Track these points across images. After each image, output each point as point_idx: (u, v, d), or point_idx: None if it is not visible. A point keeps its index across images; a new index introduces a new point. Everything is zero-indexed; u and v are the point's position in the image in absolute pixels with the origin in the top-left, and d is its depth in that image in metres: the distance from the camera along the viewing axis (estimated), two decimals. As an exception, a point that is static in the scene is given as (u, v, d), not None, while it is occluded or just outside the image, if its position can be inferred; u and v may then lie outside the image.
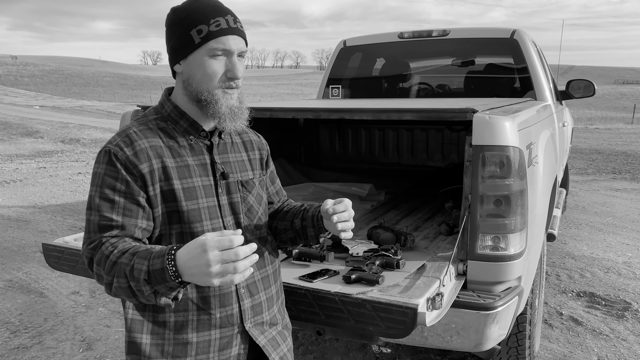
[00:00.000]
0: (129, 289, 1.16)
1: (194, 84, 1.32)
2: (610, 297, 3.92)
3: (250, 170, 1.49)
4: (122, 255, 1.17)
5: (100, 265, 1.20)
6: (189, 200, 1.32)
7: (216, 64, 1.30)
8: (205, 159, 1.39)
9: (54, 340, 3.32)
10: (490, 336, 1.88)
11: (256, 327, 1.42)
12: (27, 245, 5.28)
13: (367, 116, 2.19)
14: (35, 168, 10.23)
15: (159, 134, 1.35)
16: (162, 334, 1.33)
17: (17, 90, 65.92)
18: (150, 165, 1.29)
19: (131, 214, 1.26)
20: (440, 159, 4.67)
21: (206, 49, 1.29)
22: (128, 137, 1.30)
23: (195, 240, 1.10)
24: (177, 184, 1.31)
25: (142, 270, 1.13)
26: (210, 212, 1.36)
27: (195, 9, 1.30)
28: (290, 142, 4.43)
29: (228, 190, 1.41)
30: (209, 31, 1.28)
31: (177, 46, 1.32)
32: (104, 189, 1.26)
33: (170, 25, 1.35)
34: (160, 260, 1.11)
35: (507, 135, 1.89)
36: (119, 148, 1.28)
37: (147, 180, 1.28)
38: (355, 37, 4.61)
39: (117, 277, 1.16)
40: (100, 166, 1.28)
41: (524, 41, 3.86)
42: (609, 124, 22.79)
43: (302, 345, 3.20)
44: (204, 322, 1.34)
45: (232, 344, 1.38)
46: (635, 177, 9.11)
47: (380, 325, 1.65)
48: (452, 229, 2.54)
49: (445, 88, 4.55)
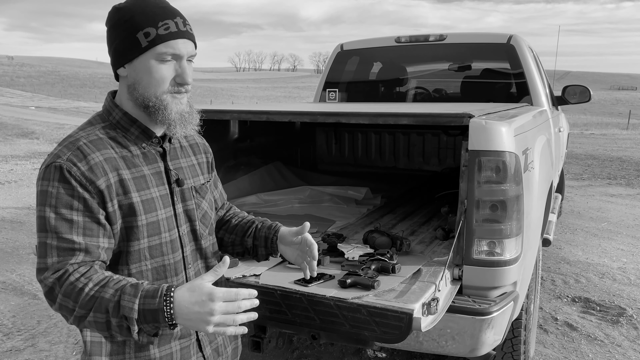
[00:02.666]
0: (105, 324, 1.11)
1: (141, 89, 1.24)
2: (605, 303, 3.92)
3: (200, 175, 1.45)
4: (102, 289, 1.12)
5: (69, 297, 1.12)
6: (149, 213, 1.26)
7: (165, 68, 1.23)
8: (160, 166, 1.32)
9: (47, 342, 3.30)
10: (486, 341, 1.88)
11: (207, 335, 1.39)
12: (21, 247, 5.25)
13: (364, 120, 2.19)
14: (30, 169, 10.19)
15: (111, 144, 1.25)
16: (122, 353, 1.27)
17: (13, 91, 65.71)
18: (107, 180, 1.20)
19: (92, 233, 1.18)
20: (436, 164, 4.68)
21: (154, 53, 1.21)
22: (79, 150, 1.20)
23: (200, 287, 1.09)
24: (136, 196, 1.24)
25: (133, 309, 1.08)
26: (169, 222, 1.31)
27: (142, 10, 1.21)
28: (287, 145, 4.43)
29: (183, 198, 1.36)
30: (157, 34, 1.20)
31: (122, 49, 1.23)
32: (59, 208, 1.16)
33: (113, 26, 1.24)
34: (157, 301, 1.08)
35: (503, 140, 1.89)
36: (71, 163, 1.17)
37: (105, 196, 1.20)
38: (352, 41, 4.62)
39: (94, 311, 1.11)
40: (52, 183, 1.16)
41: (521, 46, 3.88)
42: (604, 130, 22.91)
43: (297, 349, 3.19)
44: (165, 336, 1.29)
45: (190, 354, 1.35)
46: (631, 182, 9.14)
47: (375, 330, 1.64)
48: (447, 233, 2.54)
49: (441, 92, 4.56)
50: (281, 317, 1.82)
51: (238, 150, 3.65)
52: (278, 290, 1.81)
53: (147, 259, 1.27)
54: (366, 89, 4.65)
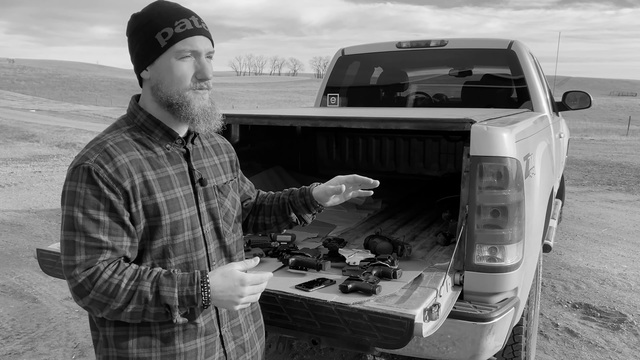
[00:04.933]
0: (142, 313, 1.22)
1: (164, 89, 1.29)
2: (606, 309, 3.92)
3: (223, 174, 1.50)
4: (137, 282, 1.21)
5: (104, 294, 1.20)
6: (173, 212, 1.31)
7: (185, 65, 1.28)
8: (184, 166, 1.37)
9: (46, 346, 3.29)
10: (487, 347, 1.88)
11: (231, 331, 1.45)
12: (21, 250, 5.24)
13: (365, 125, 2.19)
14: (30, 172, 10.19)
15: (136, 146, 1.31)
16: (149, 347, 1.32)
17: (13, 94, 65.77)
18: (132, 182, 1.25)
19: (117, 232, 1.24)
20: (437, 169, 4.68)
21: (173, 52, 1.27)
22: (106, 152, 1.25)
23: (231, 273, 1.25)
24: (160, 196, 1.29)
25: (173, 297, 1.21)
26: (192, 221, 1.35)
27: (158, 13, 1.28)
28: (288, 150, 4.43)
29: (206, 197, 1.41)
30: (174, 33, 1.26)
31: (143, 52, 1.29)
32: (87, 209, 1.21)
33: (133, 32, 1.31)
34: (195, 288, 1.22)
35: (504, 146, 1.89)
36: (99, 165, 1.23)
37: (129, 197, 1.25)
38: (353, 46, 4.63)
39: (132, 303, 1.20)
40: (80, 184, 1.22)
41: (522, 52, 3.89)
42: (604, 136, 22.93)
43: (297, 354, 3.18)
44: (190, 331, 1.35)
45: (214, 350, 1.40)
46: (631, 188, 9.14)
47: (376, 336, 1.64)
48: (449, 239, 2.53)
49: (442, 98, 4.56)
50: (282, 321, 1.82)
51: (239, 154, 3.63)
52: (279, 295, 1.81)
53: (171, 256, 1.32)
54: (367, 94, 4.66)
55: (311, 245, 2.52)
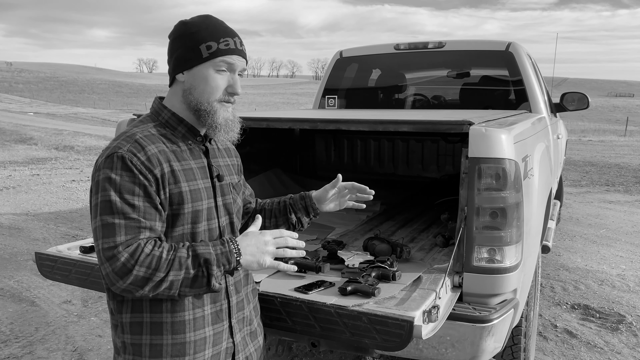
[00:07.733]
0: (182, 280, 1.28)
1: (196, 94, 1.41)
2: (605, 310, 3.92)
3: (235, 174, 1.62)
4: (175, 252, 1.29)
5: (147, 267, 1.25)
6: (195, 202, 1.40)
7: (220, 78, 1.41)
8: (204, 162, 1.48)
9: (45, 350, 3.28)
10: (486, 349, 1.88)
11: (238, 323, 1.52)
12: (19, 253, 5.23)
13: (364, 127, 2.19)
14: (28, 175, 10.17)
15: (162, 140, 1.40)
16: (160, 334, 1.39)
17: (11, 97, 65.71)
18: (161, 170, 1.34)
19: (151, 217, 1.31)
20: (435, 170, 4.68)
21: (213, 64, 1.39)
22: (137, 142, 1.34)
23: (249, 231, 1.41)
24: (185, 186, 1.39)
25: (211, 253, 1.30)
26: (209, 212, 1.45)
27: (207, 27, 1.41)
28: (286, 152, 4.43)
29: (222, 192, 1.51)
30: (218, 48, 1.39)
31: (184, 57, 1.40)
32: (124, 193, 1.28)
33: (179, 37, 1.42)
34: (227, 246, 1.33)
35: (503, 147, 1.90)
36: (132, 154, 1.31)
37: (159, 184, 1.34)
38: (351, 48, 4.64)
39: (173, 270, 1.27)
40: (115, 171, 1.29)
41: (519, 54, 3.89)
42: (602, 136, 22.98)
43: (297, 356, 3.18)
44: (199, 320, 1.41)
45: (222, 339, 1.47)
46: (629, 189, 9.16)
47: (376, 338, 1.63)
48: (447, 240, 2.53)
49: (440, 99, 4.57)
50: (281, 324, 1.82)
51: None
52: (278, 298, 1.81)
53: None
54: (365, 96, 4.66)
55: (310, 248, 2.52)
